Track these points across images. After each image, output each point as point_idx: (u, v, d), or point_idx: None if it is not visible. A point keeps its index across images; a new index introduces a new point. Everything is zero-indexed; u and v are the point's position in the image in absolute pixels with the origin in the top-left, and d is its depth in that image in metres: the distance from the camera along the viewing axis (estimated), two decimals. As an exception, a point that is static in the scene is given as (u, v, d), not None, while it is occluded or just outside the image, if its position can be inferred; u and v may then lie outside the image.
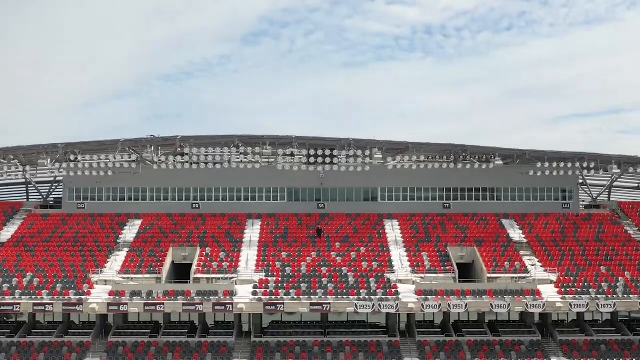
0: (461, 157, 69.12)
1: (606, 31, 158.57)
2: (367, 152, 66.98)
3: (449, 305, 56.11)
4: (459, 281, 60.01)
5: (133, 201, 70.17)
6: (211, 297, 55.20)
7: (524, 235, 68.18)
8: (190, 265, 60.77)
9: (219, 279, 59.48)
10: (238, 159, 66.97)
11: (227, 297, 55.08)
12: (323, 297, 54.87)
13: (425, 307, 56.08)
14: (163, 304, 55.24)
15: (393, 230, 68.42)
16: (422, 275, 60.60)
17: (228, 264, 61.30)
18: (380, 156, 67.37)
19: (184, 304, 55.37)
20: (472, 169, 69.90)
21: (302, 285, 56.46)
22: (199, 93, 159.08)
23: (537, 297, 57.15)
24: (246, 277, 58.73)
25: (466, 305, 56.10)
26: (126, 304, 55.60)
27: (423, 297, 56.45)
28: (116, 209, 69.93)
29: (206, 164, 67.52)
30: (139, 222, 68.54)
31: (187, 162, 67.87)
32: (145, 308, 55.76)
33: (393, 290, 57.14)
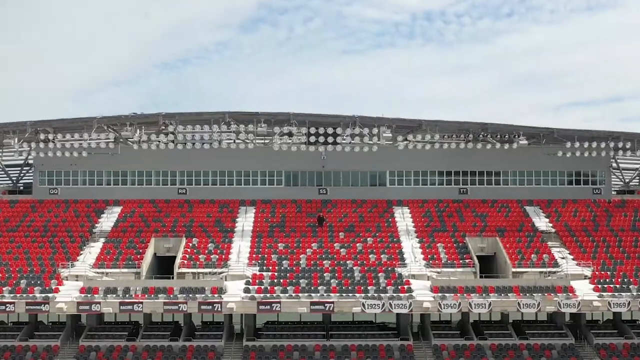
0: (480, 136, 64.01)
1: (608, 17, 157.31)
2: (375, 131, 61.56)
3: (470, 305, 50.93)
4: (480, 276, 55.30)
5: (112, 186, 66.37)
6: (197, 295, 50.43)
7: (551, 224, 63.29)
8: (174, 258, 56.48)
9: (206, 273, 54.94)
10: (229, 138, 62.26)
11: (216, 295, 50.37)
12: (325, 295, 50.46)
13: (442, 306, 50.86)
14: (141, 303, 50.09)
15: (403, 219, 63.72)
16: (438, 270, 55.60)
17: (217, 256, 56.61)
18: (390, 135, 62.17)
19: (165, 303, 50.33)
20: (492, 150, 65.13)
21: (301, 281, 51.75)
22: (196, 80, 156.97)
23: (570, 294, 51.84)
24: (237, 271, 54.21)
25: (489, 304, 50.82)
26: (99, 302, 50.34)
27: (440, 294, 51.36)
28: (93, 195, 65.91)
29: (193, 144, 63.43)
30: (118, 210, 64.48)
31: (172, 141, 63.59)
32: (121, 307, 50.57)
33: (405, 287, 52.16)
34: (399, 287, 51.98)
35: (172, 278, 53.87)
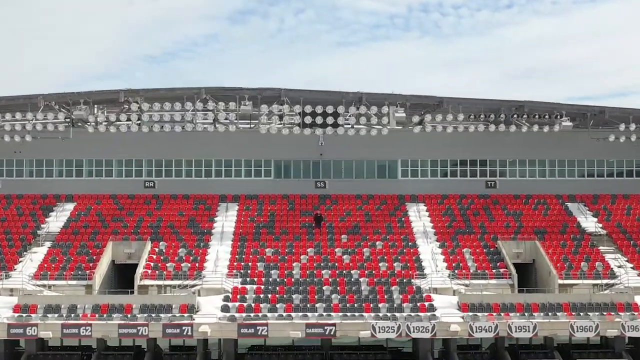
0: (513, 117, 56.60)
1: (612, 9, 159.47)
2: (384, 110, 54.71)
3: (510, 328, 43.11)
4: (520, 290, 48.69)
5: (64, 178, 60.61)
6: (162, 315, 43.45)
7: (600, 225, 56.64)
8: (137, 266, 50.19)
9: (175, 287, 48.25)
10: (206, 119, 55.65)
11: (185, 315, 43.33)
12: (325, 315, 43.72)
13: (475, 329, 43.01)
14: (90, 325, 42.63)
15: (419, 218, 57.50)
16: (466, 282, 48.77)
17: (189, 265, 50.22)
18: (403, 115, 55.10)
19: (120, 326, 42.75)
20: (528, 135, 58.15)
21: (294, 296, 45.55)
22: (184, 74, 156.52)
23: (635, 313, 44.34)
24: (214, 284, 47.79)
25: (534, 326, 43.11)
26: (36, 325, 42.62)
27: (470, 314, 43.94)
28: (40, 189, 60.05)
29: (162, 127, 55.69)
30: (70, 207, 58.68)
31: (136, 124, 55.72)
32: (64, 331, 42.84)
33: (426, 304, 45.16)
34: (418, 304, 45.18)
35: (132, 292, 47.80)
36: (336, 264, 50.44)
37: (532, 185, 60.55)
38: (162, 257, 51.37)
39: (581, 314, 44.33)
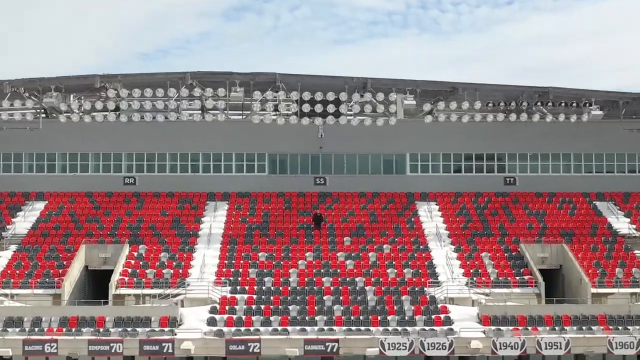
0: (537, 105, 53.77)
1: (614, 7, 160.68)
2: (392, 97, 52.43)
3: (539, 344, 39.37)
4: (548, 300, 45.32)
5: (34, 173, 58.14)
6: (138, 330, 40.49)
7: (634, 226, 53.30)
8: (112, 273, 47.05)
9: (155, 296, 45.16)
10: (193, 108, 54.01)
11: (166, 330, 40.36)
12: (326, 329, 40.71)
13: (498, 346, 39.29)
14: (55, 341, 39.25)
15: (431, 218, 54.59)
16: (487, 291, 45.33)
17: (172, 271, 47.19)
18: (413, 103, 52.63)
19: (90, 342, 39.34)
20: (551, 125, 55.45)
21: (290, 308, 42.75)
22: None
23: None
24: (200, 293, 44.63)
25: (567, 342, 39.43)
26: None
27: (493, 328, 40.46)
28: (8, 185, 57.47)
29: (143, 116, 53.46)
30: (41, 205, 55.88)
31: (114, 111, 53.30)
32: (26, 348, 39.27)
33: (442, 316, 41.99)
34: (433, 316, 41.98)
35: (106, 303, 44.64)
36: (338, 271, 47.64)
37: (556, 181, 58.02)
38: (141, 263, 48.29)
39: (619, 327, 40.95)
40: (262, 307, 42.80)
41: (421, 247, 50.34)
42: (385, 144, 57.53)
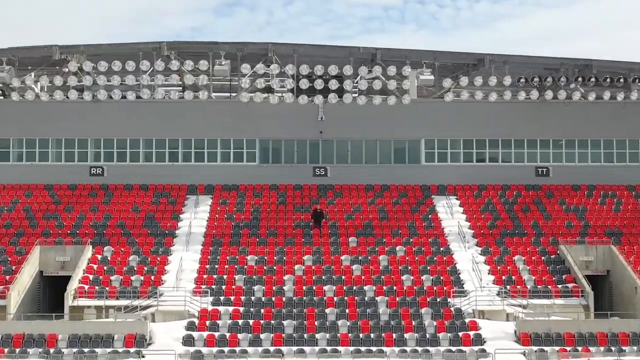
0: (577, 80, 51.27)
1: (617, 2, 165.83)
2: (406, 71, 51.03)
3: None
4: (600, 314, 42.04)
5: None
6: (98, 351, 37.24)
7: None
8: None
9: (120, 309, 41.74)
10: (169, 84, 53.25)
11: (132, 351, 37.15)
12: (329, 349, 37.72)
13: None
14: None
15: (451, 215, 51.65)
16: (524, 302, 41.66)
17: (142, 278, 44.41)
18: (430, 78, 51.25)
19: None
20: (593, 106, 53.78)
21: (285, 323, 39.98)
22: None
23: None
24: (175, 305, 41.95)
25: None
26: None
27: (535, 349, 36.79)
28: None
29: (111, 93, 52.74)
30: None
31: (76, 88, 51.87)
32: None
33: (471, 333, 38.29)
34: (460, 334, 38.39)
35: (61, 317, 41.89)
36: (343, 278, 44.68)
37: (595, 172, 55.85)
38: (105, 268, 45.11)
39: (689, 348, 37.11)
40: (251, 322, 39.86)
41: (441, 249, 47.29)
42: (397, 127, 55.86)
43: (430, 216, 50.81)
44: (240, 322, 39.52)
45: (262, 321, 39.58)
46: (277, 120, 54.88)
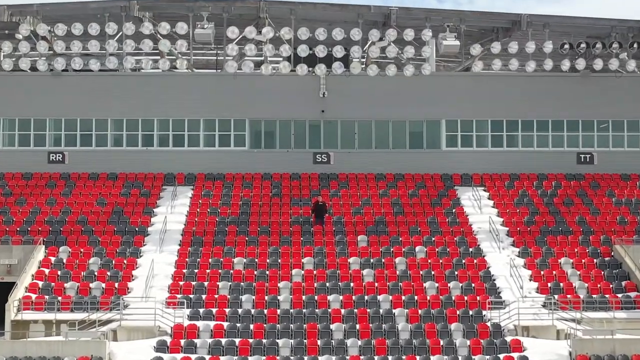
0: (633, 46, 47.85)
1: None
2: (426, 36, 47.36)
3: None
4: None
5: None
6: None
7: None
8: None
9: (74, 324, 37.18)
10: (142, 51, 50.33)
11: None
12: None
13: None
14: None
15: (479, 209, 47.99)
16: (577, 315, 36.94)
17: (103, 285, 41.00)
18: (455, 44, 47.27)
19: None
20: None
21: (280, 343, 36.05)
22: None
23: None
24: (142, 319, 37.95)
25: None
26: None
27: None
28: None
29: (70, 62, 49.33)
30: None
31: (28, 56, 48.79)
32: None
33: (515, 355, 34.23)
34: (500, 356, 34.24)
35: (1, 334, 38.62)
36: (351, 285, 40.66)
37: None
38: (59, 273, 41.12)
39: None
40: (237, 341, 35.74)
41: (471, 249, 43.28)
42: (413, 106, 52.48)
43: (454, 210, 47.29)
44: (223, 341, 35.89)
45: (251, 340, 35.92)
46: (270, 97, 51.70)
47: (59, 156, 52.56)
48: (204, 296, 39.37)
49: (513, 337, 35.18)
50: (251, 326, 36.95)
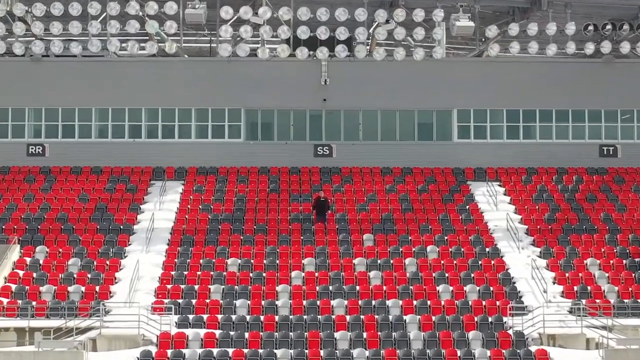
0: None
1: None
2: (438, 17, 45.71)
3: None
4: None
5: None
6: None
7: None
8: None
9: (49, 332, 35.00)
10: (127, 33, 48.14)
11: None
12: None
13: None
14: None
15: (495, 205, 46.17)
16: (608, 322, 34.86)
17: (83, 289, 38.98)
18: (470, 25, 45.24)
19: None
20: None
21: (278, 353, 34.25)
22: None
23: None
24: (125, 326, 35.94)
25: None
26: None
27: None
28: None
29: (49, 46, 47.24)
30: None
31: (3, 39, 47.00)
32: None
33: None
34: None
35: None
36: (357, 289, 38.71)
37: None
38: (34, 275, 39.16)
39: None
40: (231, 351, 33.59)
41: (487, 249, 41.10)
42: (423, 94, 50.54)
43: (467, 207, 45.29)
44: (215, 351, 33.73)
45: (246, 350, 33.79)
46: (268, 84, 49.81)
47: (38, 148, 51.07)
48: (194, 301, 37.50)
49: (538, 347, 33.12)
50: (246, 334, 35.05)
